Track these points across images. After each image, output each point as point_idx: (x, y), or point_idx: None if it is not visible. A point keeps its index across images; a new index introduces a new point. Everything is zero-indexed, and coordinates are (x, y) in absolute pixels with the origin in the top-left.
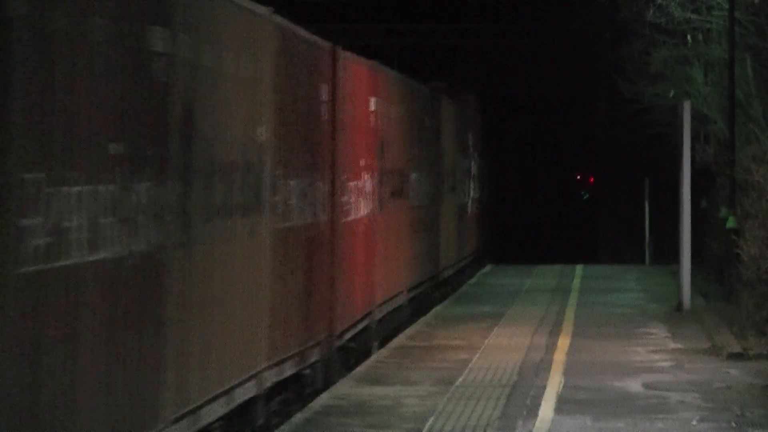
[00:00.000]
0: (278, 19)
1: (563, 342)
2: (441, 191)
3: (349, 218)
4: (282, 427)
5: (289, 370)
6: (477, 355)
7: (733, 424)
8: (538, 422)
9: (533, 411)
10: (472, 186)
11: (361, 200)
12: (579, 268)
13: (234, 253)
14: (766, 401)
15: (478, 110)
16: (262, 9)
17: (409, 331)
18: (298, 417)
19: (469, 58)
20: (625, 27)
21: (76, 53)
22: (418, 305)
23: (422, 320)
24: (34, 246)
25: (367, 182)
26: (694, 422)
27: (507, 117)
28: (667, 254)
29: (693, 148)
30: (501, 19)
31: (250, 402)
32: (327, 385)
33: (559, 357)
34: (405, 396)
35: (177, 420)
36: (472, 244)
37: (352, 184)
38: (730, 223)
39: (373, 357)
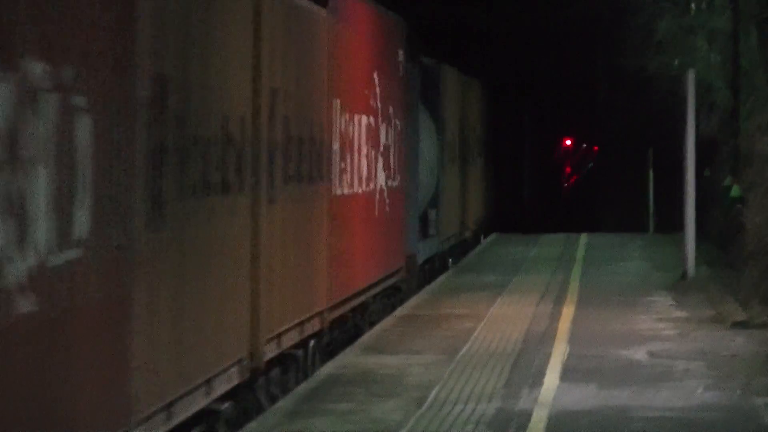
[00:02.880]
0: None
1: (568, 311)
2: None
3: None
4: (287, 397)
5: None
6: (482, 325)
7: (739, 392)
8: (543, 391)
9: (538, 380)
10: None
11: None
12: (583, 237)
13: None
14: None
15: (482, 86)
16: None
17: (414, 300)
18: (302, 387)
19: (471, 31)
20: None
21: None
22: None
23: (427, 289)
24: None
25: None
26: (700, 390)
27: (510, 86)
28: (672, 223)
29: (697, 118)
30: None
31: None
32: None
33: (564, 326)
34: (410, 365)
35: None
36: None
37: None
38: (735, 192)
39: (378, 326)
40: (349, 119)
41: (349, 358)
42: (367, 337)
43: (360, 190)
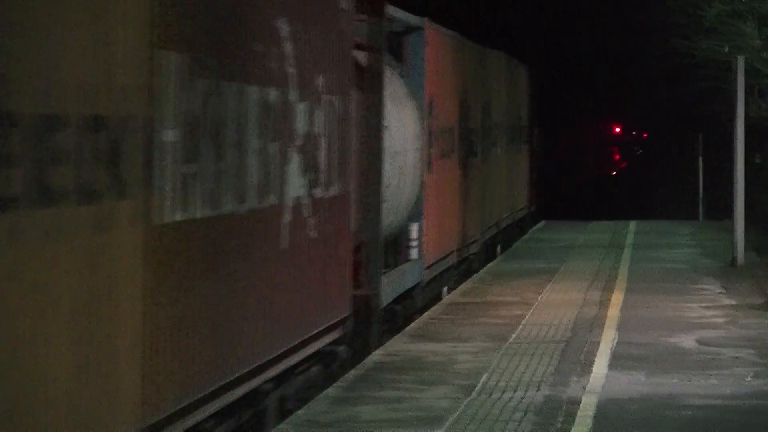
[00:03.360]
0: None
1: (617, 298)
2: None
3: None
4: (337, 383)
5: None
6: (530, 311)
7: None
8: (592, 378)
9: (587, 367)
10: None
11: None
12: (632, 224)
13: None
14: None
15: (527, 67)
16: None
17: (463, 287)
18: (351, 374)
19: (524, 17)
20: None
21: None
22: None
23: (475, 276)
24: None
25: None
26: (749, 378)
27: (559, 72)
28: (721, 210)
29: (747, 104)
30: None
31: None
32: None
33: (613, 313)
34: (458, 352)
35: None
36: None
37: None
38: None
39: (426, 314)
40: (212, 90)
41: (398, 346)
42: (415, 325)
43: (237, 210)
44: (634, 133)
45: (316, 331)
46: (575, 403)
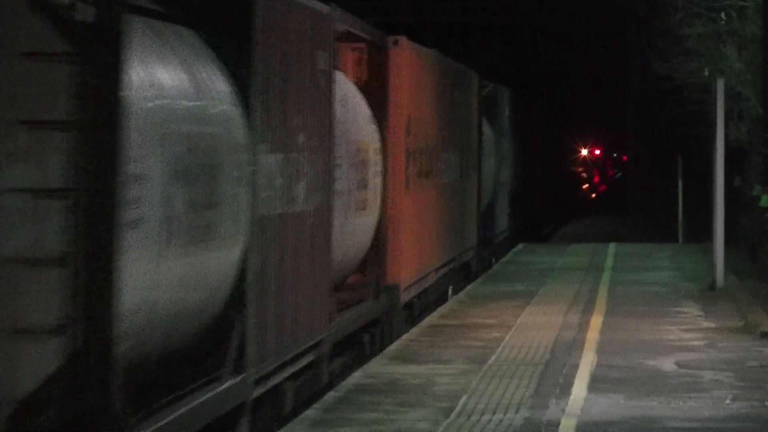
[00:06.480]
0: None
1: (596, 320)
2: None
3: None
4: (315, 405)
5: None
6: (510, 334)
7: (766, 403)
8: (570, 401)
9: (566, 389)
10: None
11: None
12: (612, 247)
13: None
14: None
15: (507, 90)
16: None
17: (442, 309)
18: (330, 395)
19: (502, 38)
20: (659, 2)
21: None
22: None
23: (455, 298)
24: None
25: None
26: (727, 401)
27: (540, 96)
28: (700, 233)
29: (726, 126)
30: None
31: None
32: None
33: (592, 335)
34: (437, 374)
35: None
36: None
37: None
38: (764, 202)
39: (405, 336)
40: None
41: (377, 368)
42: (394, 347)
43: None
44: (615, 155)
45: None
46: (554, 425)
